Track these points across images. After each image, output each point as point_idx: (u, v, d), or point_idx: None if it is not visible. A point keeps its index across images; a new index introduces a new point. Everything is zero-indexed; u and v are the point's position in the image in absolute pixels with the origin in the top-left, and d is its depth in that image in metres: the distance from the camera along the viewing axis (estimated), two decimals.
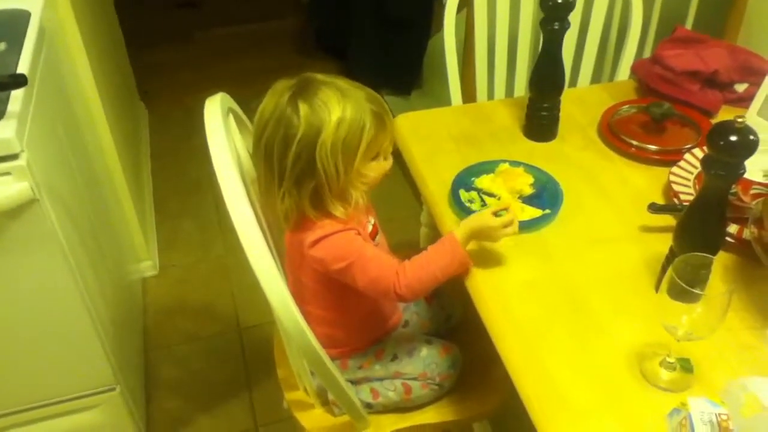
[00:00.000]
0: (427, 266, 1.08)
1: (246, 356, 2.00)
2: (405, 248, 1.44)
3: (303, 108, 1.01)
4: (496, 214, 1.08)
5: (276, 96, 1.04)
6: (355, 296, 1.14)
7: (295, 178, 1.04)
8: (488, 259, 1.13)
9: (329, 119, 1.00)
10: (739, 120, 0.89)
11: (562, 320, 1.03)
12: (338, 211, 1.07)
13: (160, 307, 2.17)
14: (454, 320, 1.40)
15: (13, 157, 1.18)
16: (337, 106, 1.01)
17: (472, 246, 1.12)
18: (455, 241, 1.08)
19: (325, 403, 1.26)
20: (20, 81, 1.18)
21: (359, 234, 1.10)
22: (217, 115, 1.03)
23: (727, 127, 0.90)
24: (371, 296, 1.10)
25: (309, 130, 1.01)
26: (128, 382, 1.64)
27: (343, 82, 1.06)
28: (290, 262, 1.17)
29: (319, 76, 1.06)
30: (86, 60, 1.78)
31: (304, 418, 1.26)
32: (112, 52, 2.43)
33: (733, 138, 0.89)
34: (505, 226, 1.07)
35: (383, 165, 1.10)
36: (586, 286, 1.08)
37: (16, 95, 1.22)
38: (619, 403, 0.91)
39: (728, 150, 0.89)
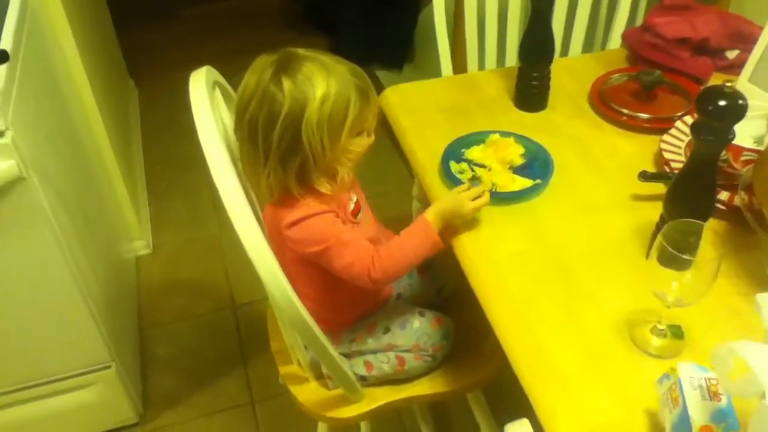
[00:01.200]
0: (401, 250, 1.10)
1: (240, 333, 2.01)
2: (396, 222, 1.43)
3: (287, 84, 0.99)
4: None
5: (257, 72, 1.02)
6: (336, 276, 1.14)
7: (280, 155, 1.03)
8: (479, 230, 1.13)
9: (314, 95, 0.99)
10: (728, 85, 0.88)
11: (553, 289, 1.03)
12: (324, 187, 1.06)
13: (155, 286, 2.17)
14: (445, 292, 1.40)
15: None
16: (322, 81, 0.99)
17: (464, 221, 1.12)
18: (428, 223, 1.10)
19: (319, 376, 1.26)
20: (2, 57, 1.17)
21: (338, 216, 1.09)
22: (202, 89, 1.01)
23: (715, 92, 0.89)
24: (345, 280, 1.10)
25: (294, 106, 0.99)
26: (123, 360, 1.64)
27: (325, 57, 1.04)
28: (270, 239, 1.15)
29: (301, 51, 1.04)
30: (71, 35, 1.75)
31: (299, 392, 1.26)
32: (99, 29, 2.40)
33: (722, 102, 0.88)
34: (474, 198, 1.08)
35: (367, 141, 1.09)
36: (577, 255, 1.08)
37: None
38: (610, 370, 0.92)
39: (717, 115, 0.89)
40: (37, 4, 1.62)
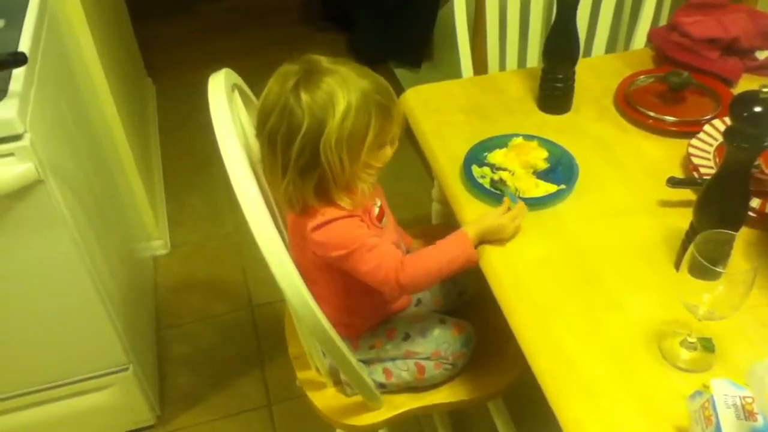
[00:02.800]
0: (435, 258, 1.08)
1: (258, 334, 2.00)
2: (416, 224, 1.42)
3: (306, 100, 0.97)
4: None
5: (280, 82, 1.00)
6: (359, 281, 1.12)
7: (299, 169, 1.01)
8: None
9: (333, 113, 0.97)
10: (764, 90, 0.85)
11: (577, 297, 1.00)
12: (344, 201, 1.05)
13: (172, 285, 2.17)
14: (467, 296, 1.38)
15: (16, 137, 1.16)
16: (342, 98, 0.97)
17: None
18: (466, 237, 1.08)
19: (338, 382, 1.25)
20: (20, 59, 1.16)
21: (362, 221, 1.07)
22: (221, 92, 1.00)
23: (750, 97, 0.86)
24: (370, 285, 1.09)
25: (313, 124, 0.97)
26: (141, 361, 1.63)
27: (348, 70, 1.01)
28: (293, 244, 1.14)
29: (325, 62, 1.02)
30: (89, 35, 1.74)
31: (317, 398, 1.25)
32: (117, 26, 2.40)
33: (758, 109, 0.85)
34: (513, 218, 1.07)
35: (390, 151, 1.08)
36: (602, 263, 1.05)
37: (18, 74, 1.20)
38: (637, 382, 0.89)
39: (752, 121, 0.86)
40: (56, 4, 1.61)
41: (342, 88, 0.98)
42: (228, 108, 0.98)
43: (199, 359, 1.94)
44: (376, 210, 1.14)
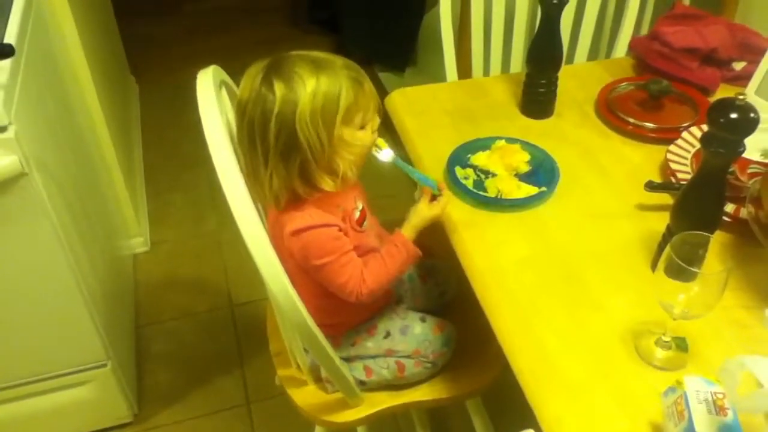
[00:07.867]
0: (386, 269, 1.12)
1: (238, 332, 2.00)
2: (399, 226, 1.42)
3: (277, 84, 0.99)
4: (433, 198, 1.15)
5: (251, 79, 1.02)
6: None
7: (279, 154, 1.02)
8: (484, 237, 1.12)
9: (304, 90, 0.99)
10: (740, 97, 0.88)
11: (557, 297, 1.02)
12: (327, 184, 1.05)
13: (153, 283, 2.16)
14: (448, 296, 1.39)
15: (1, 129, 1.16)
16: (311, 76, 1.00)
17: (469, 227, 1.13)
18: (405, 239, 1.13)
19: (318, 379, 1.25)
20: (6, 51, 1.16)
21: (341, 230, 1.09)
22: (210, 88, 1.00)
23: (727, 104, 0.88)
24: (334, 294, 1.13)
25: (285, 104, 0.99)
26: (120, 358, 1.63)
27: (318, 53, 1.04)
28: (273, 243, 1.14)
29: (293, 52, 1.04)
30: (75, 30, 1.74)
31: (297, 395, 1.25)
32: (102, 22, 2.39)
33: (734, 115, 0.87)
34: (444, 207, 1.14)
35: (370, 137, 1.09)
36: (582, 264, 1.07)
37: (3, 66, 1.20)
38: (614, 380, 0.91)
39: (728, 127, 0.88)
40: None
41: (310, 67, 1.00)
42: (216, 103, 0.99)
43: (178, 357, 1.93)
44: (357, 213, 1.15)
